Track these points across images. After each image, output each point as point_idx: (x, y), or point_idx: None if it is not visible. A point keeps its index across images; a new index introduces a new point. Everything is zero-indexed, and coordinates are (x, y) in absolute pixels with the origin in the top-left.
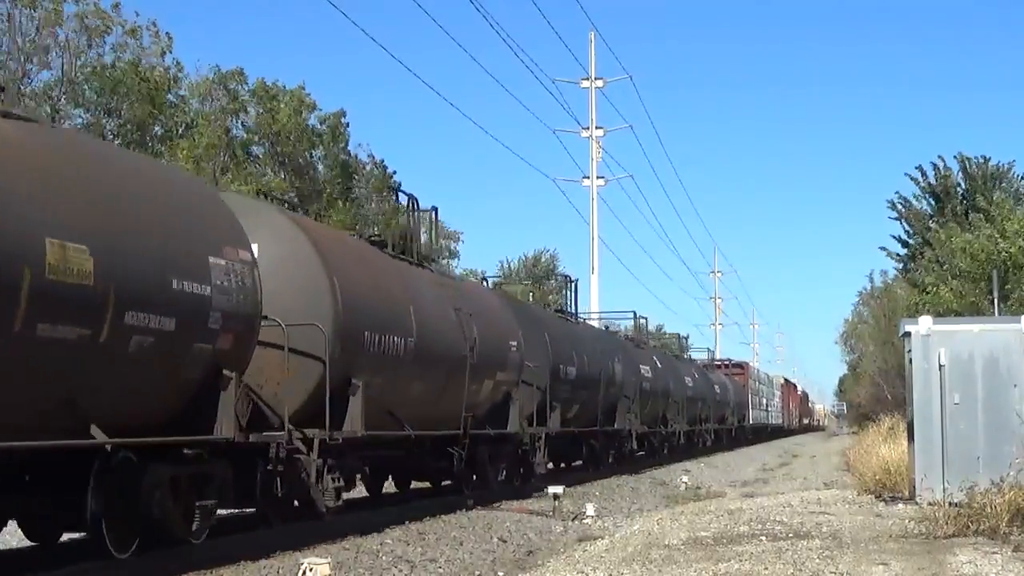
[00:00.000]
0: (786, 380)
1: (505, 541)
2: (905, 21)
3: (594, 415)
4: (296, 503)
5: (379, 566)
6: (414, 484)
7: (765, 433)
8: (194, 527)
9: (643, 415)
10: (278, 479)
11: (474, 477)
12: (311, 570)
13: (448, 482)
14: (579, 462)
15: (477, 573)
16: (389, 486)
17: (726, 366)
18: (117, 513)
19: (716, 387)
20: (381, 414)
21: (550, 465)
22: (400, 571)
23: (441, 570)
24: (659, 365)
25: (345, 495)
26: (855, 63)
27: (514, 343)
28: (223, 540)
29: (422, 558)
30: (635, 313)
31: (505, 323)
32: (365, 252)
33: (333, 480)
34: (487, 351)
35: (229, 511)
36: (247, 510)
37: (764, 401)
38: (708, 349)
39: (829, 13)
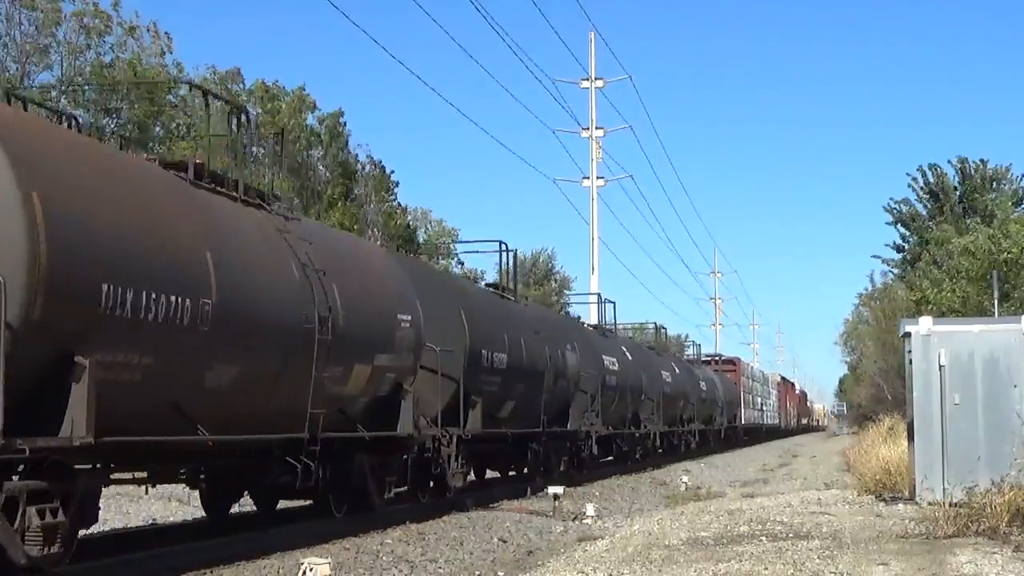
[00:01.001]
0: (783, 378)
1: (505, 541)
2: (907, 23)
3: (536, 414)
4: None
5: (379, 566)
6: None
7: (760, 434)
8: None
9: (608, 414)
10: None
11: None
12: (311, 570)
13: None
14: (526, 470)
15: (477, 573)
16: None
17: (716, 362)
18: None
19: (702, 384)
20: (159, 410)
21: (494, 475)
22: (400, 571)
23: (441, 570)
24: (629, 357)
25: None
26: (855, 63)
27: (407, 317)
28: (223, 540)
29: (422, 558)
30: (600, 296)
31: (391, 289)
32: (131, 172)
33: (41, 515)
34: (358, 325)
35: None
36: (247, 510)
37: (759, 400)
38: (693, 342)
39: (830, 14)
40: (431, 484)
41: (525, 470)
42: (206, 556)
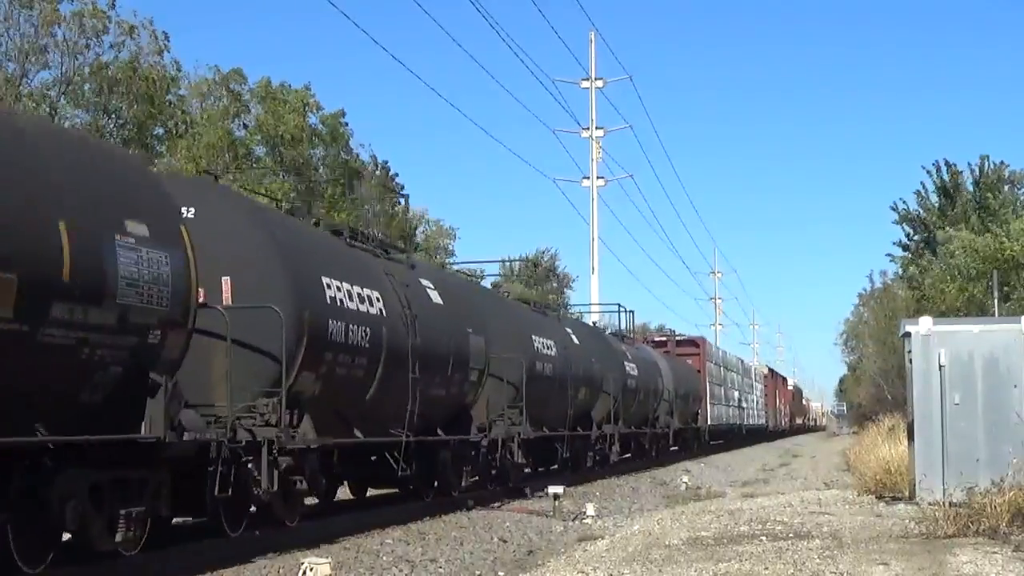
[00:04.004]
0: (771, 370)
1: (505, 541)
2: (907, 22)
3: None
4: None
5: (379, 566)
6: None
7: (739, 438)
8: None
9: (360, 409)
10: None
11: None
12: (311, 570)
13: None
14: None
15: (477, 573)
16: None
17: (670, 342)
18: None
19: (629, 366)
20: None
21: None
22: (400, 571)
23: (441, 570)
24: (440, 301)
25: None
26: (855, 63)
27: None
28: (223, 540)
29: (422, 558)
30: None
31: None
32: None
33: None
34: None
35: None
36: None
37: (735, 394)
38: (622, 305)
39: (829, 13)
40: None
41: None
42: (206, 556)
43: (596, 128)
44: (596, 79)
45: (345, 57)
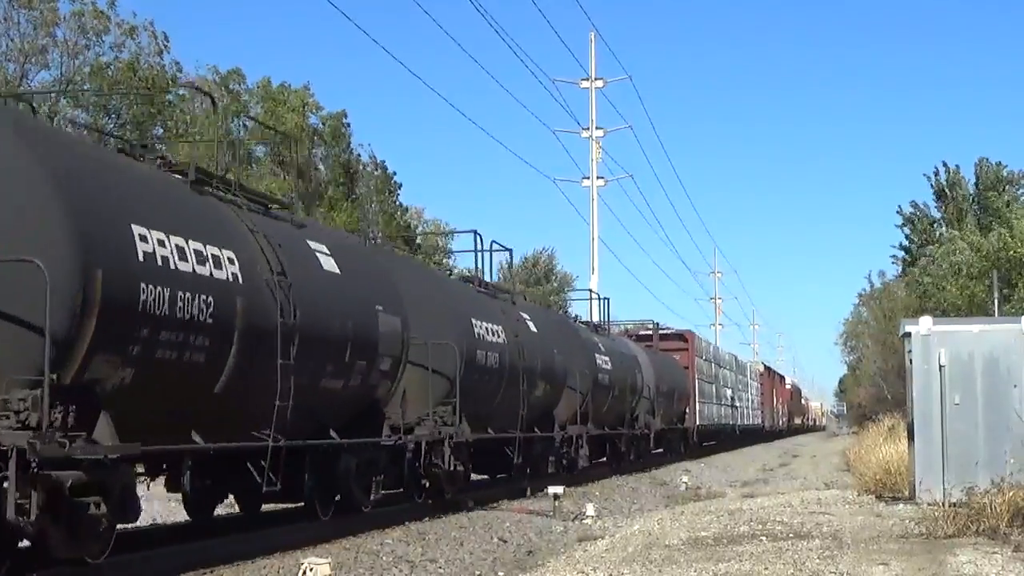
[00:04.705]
0: (768, 368)
1: (505, 541)
2: (907, 22)
3: None
4: None
5: (379, 566)
6: None
7: (732, 439)
8: None
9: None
10: None
11: None
12: (311, 570)
13: None
14: None
15: (477, 573)
16: None
17: (655, 336)
18: None
19: (601, 359)
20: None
21: None
22: (400, 571)
23: (441, 570)
24: (330, 269)
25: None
26: (856, 64)
27: None
28: (223, 540)
29: (422, 558)
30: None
31: None
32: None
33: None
34: None
35: (227, 511)
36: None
37: (727, 393)
38: (596, 293)
39: (829, 14)
40: None
41: None
42: (206, 556)
43: (596, 128)
44: (596, 79)
45: (345, 57)
